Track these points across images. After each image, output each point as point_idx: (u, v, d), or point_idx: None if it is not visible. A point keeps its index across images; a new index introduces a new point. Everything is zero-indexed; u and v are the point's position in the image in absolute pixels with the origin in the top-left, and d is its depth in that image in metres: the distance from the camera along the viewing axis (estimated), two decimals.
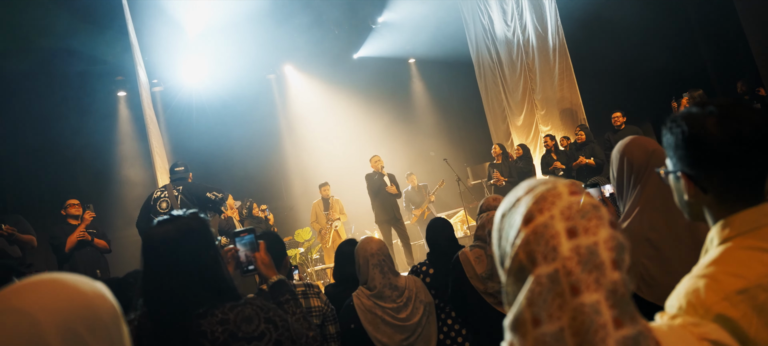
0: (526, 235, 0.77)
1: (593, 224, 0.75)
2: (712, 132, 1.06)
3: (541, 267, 0.74)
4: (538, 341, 0.73)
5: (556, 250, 0.74)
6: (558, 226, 0.75)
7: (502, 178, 8.68)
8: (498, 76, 11.04)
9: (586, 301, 0.71)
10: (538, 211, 0.78)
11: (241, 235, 2.03)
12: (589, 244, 0.73)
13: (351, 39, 12.08)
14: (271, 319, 1.66)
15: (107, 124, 10.63)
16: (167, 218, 1.65)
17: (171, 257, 1.59)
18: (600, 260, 0.72)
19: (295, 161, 11.78)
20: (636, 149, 2.14)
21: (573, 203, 0.77)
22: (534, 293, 0.74)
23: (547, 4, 9.75)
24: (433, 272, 3.24)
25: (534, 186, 0.83)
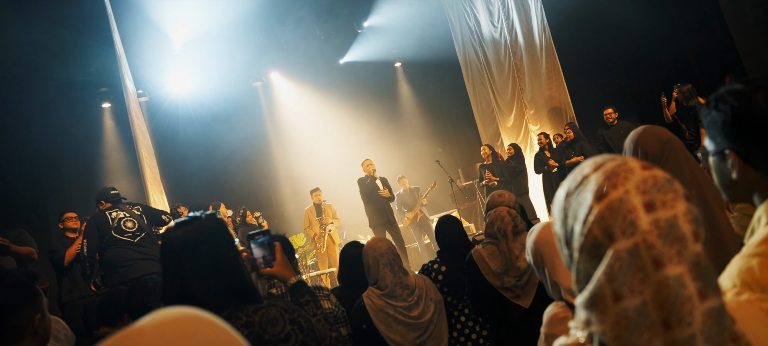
0: (600, 210, 0.75)
1: (670, 197, 0.74)
2: (762, 106, 1.04)
3: (620, 242, 0.72)
4: (620, 316, 0.71)
5: (634, 224, 0.72)
6: (634, 200, 0.74)
7: (494, 178, 8.70)
8: (486, 77, 11.09)
9: (670, 273, 0.70)
10: (611, 186, 0.76)
11: (255, 237, 1.99)
12: (669, 217, 0.72)
13: (337, 44, 12.08)
14: (296, 320, 1.62)
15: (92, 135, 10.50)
16: (186, 220, 1.61)
17: (191, 259, 1.55)
18: (681, 233, 0.71)
19: (284, 168, 11.72)
20: (650, 139, 2.13)
21: (647, 177, 0.76)
22: (614, 269, 0.72)
23: (532, 5, 9.82)
24: (445, 269, 3.23)
25: (602, 162, 0.81)
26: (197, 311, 0.70)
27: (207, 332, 0.67)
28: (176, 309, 0.69)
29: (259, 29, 11.11)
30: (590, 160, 0.84)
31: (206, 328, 0.68)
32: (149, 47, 10.13)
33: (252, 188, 11.22)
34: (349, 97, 12.19)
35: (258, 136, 11.90)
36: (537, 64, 10.01)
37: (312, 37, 11.54)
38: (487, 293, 2.69)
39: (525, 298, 2.60)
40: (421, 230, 9.31)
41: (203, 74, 11.06)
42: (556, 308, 1.66)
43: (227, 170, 11.10)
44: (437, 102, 13.24)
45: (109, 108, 10.73)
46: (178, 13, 9.98)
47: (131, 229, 5.23)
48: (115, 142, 10.59)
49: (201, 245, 1.57)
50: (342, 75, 12.46)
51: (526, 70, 10.27)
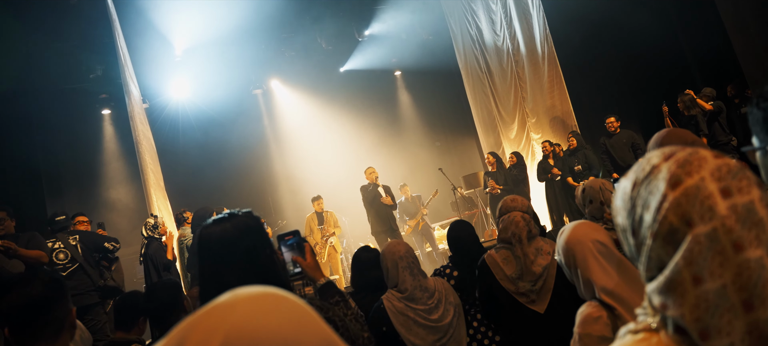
0: (675, 197, 0.77)
1: (745, 183, 0.76)
2: None
3: (699, 227, 0.74)
4: (700, 298, 0.73)
5: (712, 209, 0.74)
6: (711, 186, 0.76)
7: (497, 186, 8.72)
8: (487, 85, 11.12)
9: (750, 256, 0.71)
10: (686, 174, 0.78)
11: (285, 238, 1.99)
12: (746, 202, 0.74)
13: (337, 52, 12.10)
14: (331, 319, 1.62)
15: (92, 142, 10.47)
16: (224, 216, 1.61)
17: (230, 255, 1.55)
18: (758, 217, 0.73)
19: (284, 175, 11.70)
20: (676, 141, 2.13)
21: (721, 164, 0.78)
22: (693, 253, 0.74)
23: (534, 14, 9.87)
24: (457, 274, 3.22)
25: (672, 152, 0.83)
26: (276, 289, 0.74)
27: (288, 306, 0.71)
28: (258, 287, 0.73)
29: (259, 37, 11.13)
30: (657, 151, 0.86)
31: (287, 303, 0.71)
32: (151, 53, 10.13)
33: (252, 195, 11.21)
34: (349, 106, 12.21)
35: (258, 143, 11.89)
36: (539, 73, 10.05)
37: (313, 45, 11.56)
38: (501, 298, 2.69)
39: (540, 303, 2.60)
40: (423, 237, 9.31)
41: (204, 81, 11.05)
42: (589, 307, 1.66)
43: (227, 177, 11.08)
44: (438, 110, 13.28)
45: (109, 115, 10.69)
46: (180, 20, 9.98)
47: (62, 260, 5.23)
48: (115, 149, 10.56)
49: (238, 242, 1.57)
50: (342, 83, 12.48)
51: (527, 78, 10.30)
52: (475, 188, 10.61)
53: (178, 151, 10.81)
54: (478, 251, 3.34)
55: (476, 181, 10.53)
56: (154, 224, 6.33)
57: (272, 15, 10.72)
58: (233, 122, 11.48)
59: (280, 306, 0.70)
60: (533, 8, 9.91)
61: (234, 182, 11.09)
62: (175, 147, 10.81)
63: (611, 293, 1.61)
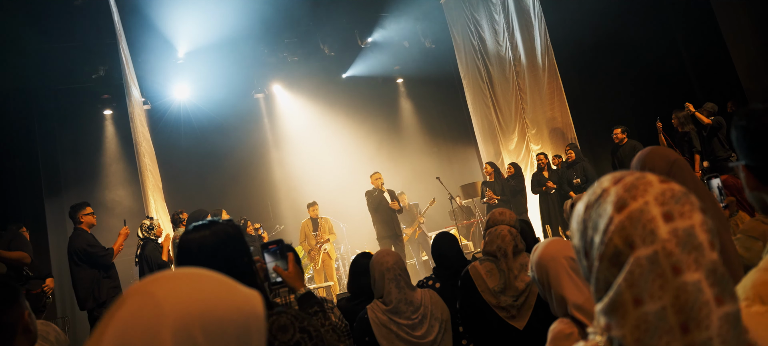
0: (620, 220, 0.79)
1: (687, 208, 0.78)
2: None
3: (640, 250, 0.76)
4: (640, 319, 0.75)
5: (654, 233, 0.76)
6: (654, 210, 0.78)
7: (495, 196, 8.73)
8: (488, 95, 11.15)
9: (688, 279, 0.73)
10: (631, 198, 0.80)
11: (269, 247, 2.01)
12: (686, 226, 0.76)
13: (340, 58, 12.13)
14: (306, 329, 1.63)
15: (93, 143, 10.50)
16: (204, 223, 1.63)
17: (208, 263, 1.56)
18: (698, 242, 0.75)
19: (283, 180, 11.72)
20: (657, 159, 2.15)
21: (665, 189, 0.81)
22: (634, 275, 0.76)
23: (536, 25, 9.90)
24: (439, 286, 3.23)
25: (621, 176, 0.86)
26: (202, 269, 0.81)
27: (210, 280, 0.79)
28: (181, 268, 0.80)
29: (262, 41, 11.18)
30: (609, 175, 0.89)
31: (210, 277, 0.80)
32: (153, 56, 10.19)
33: (251, 199, 11.22)
34: (350, 112, 12.24)
35: (258, 147, 11.92)
36: (539, 84, 10.07)
37: (315, 50, 11.60)
38: (481, 311, 2.67)
39: (520, 319, 2.58)
40: (420, 246, 9.31)
41: (206, 84, 11.10)
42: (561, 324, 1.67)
43: (226, 180, 11.10)
44: (438, 119, 13.31)
45: (110, 115, 10.73)
46: (183, 23, 10.03)
47: None
48: (116, 150, 10.58)
49: (217, 250, 1.59)
50: (344, 89, 12.52)
51: (528, 89, 10.33)
52: (473, 198, 10.62)
53: (179, 153, 10.85)
54: (460, 263, 3.36)
55: (474, 190, 10.53)
56: (149, 226, 6.36)
57: (275, 20, 10.77)
58: (234, 125, 11.52)
59: (203, 278, 0.78)
60: (535, 19, 9.94)
61: (233, 186, 11.11)
62: (175, 149, 10.85)
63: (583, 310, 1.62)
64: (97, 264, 5.42)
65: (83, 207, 5.60)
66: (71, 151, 10.26)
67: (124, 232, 5.76)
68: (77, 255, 5.38)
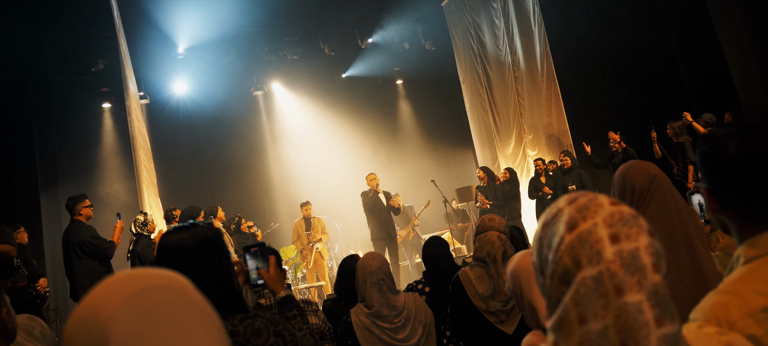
0: (570, 240, 0.82)
1: (634, 231, 0.80)
2: (728, 148, 1.12)
3: (586, 269, 0.78)
4: (584, 338, 0.77)
5: (600, 254, 0.78)
6: (601, 232, 0.80)
7: (486, 201, 8.73)
8: (486, 99, 11.17)
9: (629, 300, 0.75)
10: (581, 219, 0.83)
11: (251, 249, 2.03)
12: (631, 249, 0.78)
13: (340, 58, 12.15)
14: (280, 333, 1.65)
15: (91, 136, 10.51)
16: (183, 226, 1.65)
17: (185, 265, 1.58)
18: (641, 264, 0.77)
19: (279, 178, 11.73)
20: (638, 173, 2.18)
21: (614, 212, 0.83)
22: (579, 294, 0.78)
23: (535, 30, 9.92)
24: (428, 290, 3.25)
25: (575, 198, 0.88)
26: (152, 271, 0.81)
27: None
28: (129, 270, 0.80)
29: (262, 38, 11.21)
30: (566, 195, 0.92)
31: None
32: (153, 50, 10.21)
33: (248, 196, 11.23)
34: (349, 112, 12.25)
35: (256, 144, 11.93)
36: (538, 89, 10.08)
37: (316, 49, 11.62)
38: (471, 316, 2.69)
39: (509, 324, 2.61)
40: (413, 248, 9.32)
41: (205, 79, 11.12)
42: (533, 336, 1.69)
43: (223, 177, 11.12)
44: (437, 121, 13.32)
45: (109, 109, 10.72)
46: (183, 18, 10.05)
47: None
48: (113, 144, 10.59)
49: (195, 252, 1.61)
50: (343, 89, 12.53)
51: (526, 94, 10.34)
52: (468, 201, 10.63)
53: (177, 148, 10.87)
54: (451, 268, 3.38)
55: (469, 194, 10.54)
56: (143, 221, 6.38)
57: (276, 18, 10.81)
58: (232, 122, 11.55)
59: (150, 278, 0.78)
60: (535, 25, 9.95)
61: (230, 182, 11.13)
62: (173, 144, 10.87)
63: None
64: (99, 256, 5.41)
65: (82, 199, 5.60)
66: (68, 144, 10.27)
67: (120, 226, 5.76)
68: (80, 247, 5.35)
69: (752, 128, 1.13)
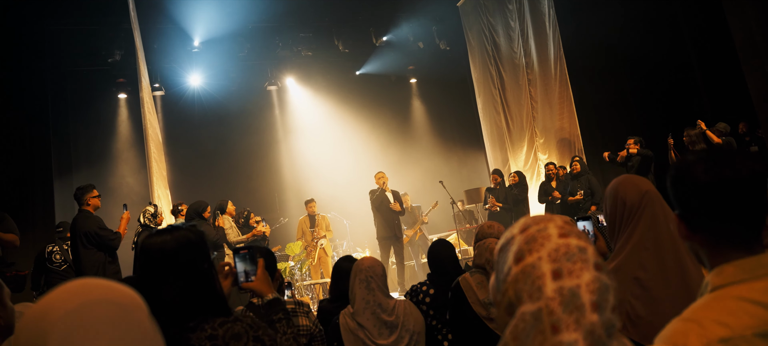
0: (515, 273, 0.82)
1: (578, 266, 0.80)
2: (696, 174, 1.11)
3: (526, 305, 0.79)
4: None
5: (541, 290, 0.79)
6: (544, 267, 0.80)
7: (497, 203, 8.72)
8: (499, 101, 11.12)
9: (564, 339, 0.75)
10: (527, 251, 0.83)
11: (240, 251, 2.05)
12: (572, 286, 0.78)
13: (354, 56, 12.16)
14: (260, 338, 1.66)
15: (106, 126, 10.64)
16: (166, 229, 1.67)
17: (167, 268, 1.60)
18: (581, 302, 0.77)
19: (291, 174, 11.78)
20: (630, 188, 2.17)
21: (560, 245, 0.82)
22: (518, 329, 0.79)
23: (550, 33, 9.85)
24: (433, 292, 3.25)
25: (528, 225, 0.88)
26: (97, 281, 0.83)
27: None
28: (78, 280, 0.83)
29: (277, 34, 11.25)
30: (521, 220, 0.92)
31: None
32: (169, 42, 10.30)
33: (258, 191, 11.30)
34: (362, 109, 12.27)
35: (268, 139, 11.99)
36: (550, 93, 10.01)
37: (330, 46, 11.64)
38: (471, 322, 2.70)
39: None
40: (420, 249, 9.31)
41: (219, 73, 11.21)
42: None
43: (235, 170, 11.21)
44: (448, 122, 13.29)
45: (125, 99, 10.83)
46: (199, 12, 10.13)
47: (59, 261, 5.96)
48: (128, 134, 10.70)
49: (177, 255, 1.63)
50: (357, 86, 12.55)
51: (539, 98, 10.28)
52: (476, 203, 10.60)
53: (191, 140, 10.98)
54: (455, 271, 3.38)
55: (478, 196, 10.51)
56: (153, 213, 6.43)
57: (291, 14, 10.85)
58: (246, 116, 11.62)
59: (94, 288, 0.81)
60: (550, 27, 9.88)
61: (242, 176, 11.21)
62: (187, 136, 10.99)
63: None
64: (105, 247, 5.45)
65: (90, 189, 5.64)
66: (84, 133, 10.40)
67: (126, 217, 5.81)
68: (86, 237, 5.39)
69: (720, 154, 1.12)
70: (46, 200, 8.37)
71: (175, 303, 1.59)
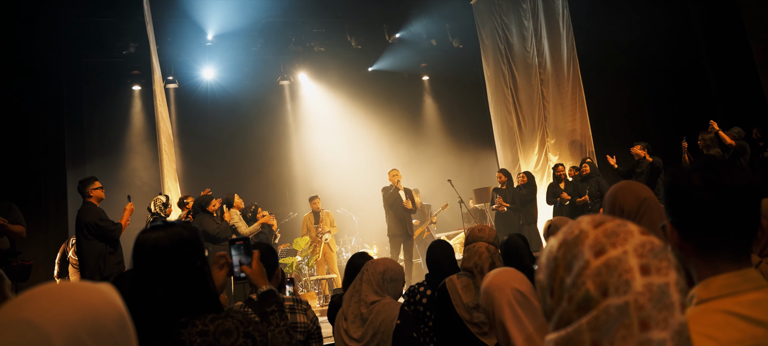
0: (596, 266, 0.79)
1: (665, 265, 0.77)
2: (694, 181, 1.11)
3: (612, 298, 0.76)
4: None
5: (629, 284, 0.76)
6: (632, 261, 0.77)
7: (504, 203, 8.67)
8: (511, 101, 11.06)
9: (654, 337, 0.73)
10: (610, 245, 0.80)
11: (236, 242, 2.06)
12: (662, 283, 0.76)
13: (367, 52, 12.16)
14: (250, 334, 1.67)
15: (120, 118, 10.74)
16: (160, 225, 1.69)
17: (160, 264, 1.62)
18: (671, 301, 0.75)
19: (301, 168, 11.82)
20: (628, 195, 2.14)
21: (646, 241, 0.80)
22: (599, 320, 0.76)
23: (564, 33, 9.78)
24: (430, 293, 3.25)
25: (601, 221, 0.85)
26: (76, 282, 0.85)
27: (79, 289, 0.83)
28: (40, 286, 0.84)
29: (290, 29, 11.29)
30: (588, 217, 0.88)
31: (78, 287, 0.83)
32: (182, 36, 10.38)
33: (268, 185, 11.35)
34: (373, 106, 12.27)
35: (279, 134, 12.03)
36: (563, 94, 9.95)
37: (343, 42, 11.65)
38: (453, 325, 2.69)
39: (491, 336, 2.59)
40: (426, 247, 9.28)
41: (232, 67, 11.28)
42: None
43: (246, 164, 11.27)
44: (460, 120, 13.24)
45: (139, 91, 10.93)
46: (212, 6, 10.19)
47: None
48: (142, 126, 10.79)
49: (170, 252, 1.64)
50: (369, 83, 12.55)
51: (551, 98, 10.22)
52: (486, 202, 10.56)
53: (203, 133, 11.06)
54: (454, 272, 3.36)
55: (487, 195, 10.46)
56: (164, 202, 6.47)
57: (304, 9, 10.88)
58: (258, 110, 11.68)
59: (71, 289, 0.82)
60: (563, 28, 9.82)
61: (252, 170, 11.27)
62: (199, 129, 11.07)
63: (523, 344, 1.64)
64: (106, 238, 5.53)
65: (92, 182, 5.74)
66: (98, 124, 10.51)
67: (129, 208, 5.89)
68: (87, 228, 5.49)
69: (719, 163, 1.12)
70: (59, 190, 8.48)
71: (167, 300, 1.61)
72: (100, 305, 0.82)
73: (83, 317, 0.78)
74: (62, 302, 0.79)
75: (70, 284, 0.84)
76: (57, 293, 0.80)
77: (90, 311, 0.80)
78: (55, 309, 0.77)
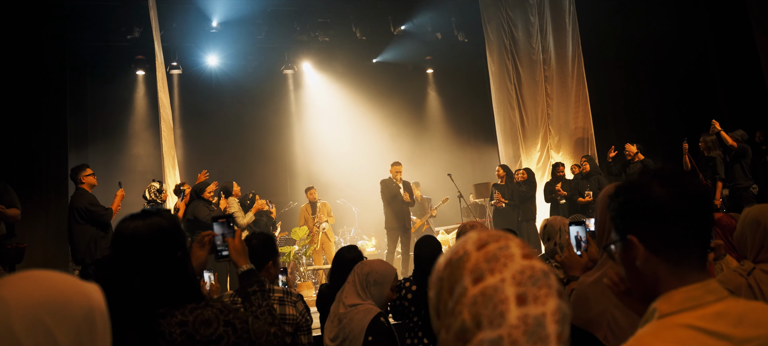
0: (473, 295, 0.76)
1: (543, 292, 0.75)
2: (658, 192, 1.08)
3: (486, 332, 0.73)
4: None
5: (503, 316, 0.73)
6: (508, 291, 0.74)
7: (502, 199, 8.64)
8: (515, 96, 11.00)
9: None
10: (489, 271, 0.77)
11: (219, 219, 2.04)
12: (537, 314, 0.73)
13: (371, 43, 12.11)
14: (231, 322, 1.67)
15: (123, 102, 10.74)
16: (139, 213, 1.68)
17: (138, 254, 1.61)
18: (545, 333, 0.72)
19: (303, 158, 11.82)
20: None
21: (526, 267, 0.77)
22: None
23: (569, 30, 9.72)
24: (415, 289, 3.25)
25: (485, 242, 0.82)
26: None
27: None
28: (24, 271, 0.89)
29: (295, 18, 11.25)
30: (475, 234, 0.85)
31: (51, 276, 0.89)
32: (187, 22, 10.35)
33: (270, 173, 11.34)
34: (376, 97, 12.23)
35: (282, 123, 12.03)
36: (567, 91, 9.90)
37: (347, 33, 11.60)
38: None
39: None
40: None
41: (236, 54, 11.26)
42: None
43: (249, 151, 11.27)
44: (463, 114, 13.19)
45: (143, 76, 10.92)
46: None
47: None
48: (144, 111, 10.80)
49: (149, 241, 1.64)
50: (373, 74, 12.50)
51: (555, 95, 10.17)
52: (485, 197, 10.54)
53: (206, 119, 11.06)
54: None
55: (487, 190, 10.43)
56: (158, 189, 6.48)
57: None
58: (261, 98, 11.67)
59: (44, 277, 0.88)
60: (569, 24, 9.76)
61: (254, 157, 11.26)
62: (203, 115, 11.07)
63: None
64: (97, 222, 5.63)
65: (83, 169, 5.87)
66: (101, 108, 10.53)
67: (120, 194, 5.97)
68: (79, 213, 5.61)
69: (672, 170, 1.10)
70: (60, 172, 8.50)
71: (145, 290, 1.60)
72: (72, 294, 0.86)
73: (50, 301, 0.83)
74: (35, 283, 0.85)
75: (54, 273, 0.89)
76: (36, 276, 0.87)
77: (59, 296, 0.85)
78: (26, 289, 0.83)
